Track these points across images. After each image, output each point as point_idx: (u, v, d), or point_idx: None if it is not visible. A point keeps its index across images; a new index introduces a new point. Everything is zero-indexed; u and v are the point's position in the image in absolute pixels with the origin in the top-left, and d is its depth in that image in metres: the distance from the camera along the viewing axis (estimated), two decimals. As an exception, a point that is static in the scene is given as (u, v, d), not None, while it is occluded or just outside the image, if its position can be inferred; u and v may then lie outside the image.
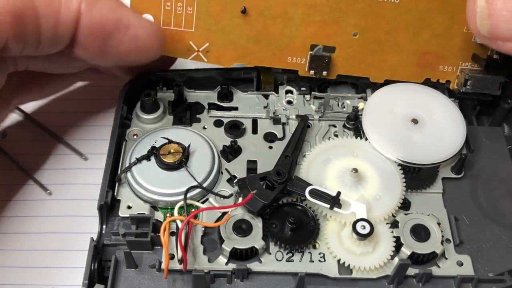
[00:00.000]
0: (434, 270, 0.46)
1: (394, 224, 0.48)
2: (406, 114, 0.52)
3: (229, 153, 0.52)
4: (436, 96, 0.54)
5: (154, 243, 0.46)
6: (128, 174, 0.49)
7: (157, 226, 0.47)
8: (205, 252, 0.46)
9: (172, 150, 0.49)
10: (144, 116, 0.53)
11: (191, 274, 0.44)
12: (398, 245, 0.46)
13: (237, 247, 0.45)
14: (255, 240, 0.46)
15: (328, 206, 0.46)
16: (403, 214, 0.48)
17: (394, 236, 0.47)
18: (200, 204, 0.48)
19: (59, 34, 0.45)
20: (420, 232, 0.47)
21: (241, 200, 0.46)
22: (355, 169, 0.48)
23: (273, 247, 0.46)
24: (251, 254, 0.46)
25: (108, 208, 0.48)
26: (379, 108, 0.53)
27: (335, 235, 0.47)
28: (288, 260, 0.46)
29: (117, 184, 0.49)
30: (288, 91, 0.56)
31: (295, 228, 0.46)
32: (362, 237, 0.45)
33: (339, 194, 0.47)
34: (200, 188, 0.48)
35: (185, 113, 0.54)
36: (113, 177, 0.49)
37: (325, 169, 0.50)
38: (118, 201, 0.48)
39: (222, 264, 0.45)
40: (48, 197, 0.57)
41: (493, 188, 0.51)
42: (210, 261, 0.46)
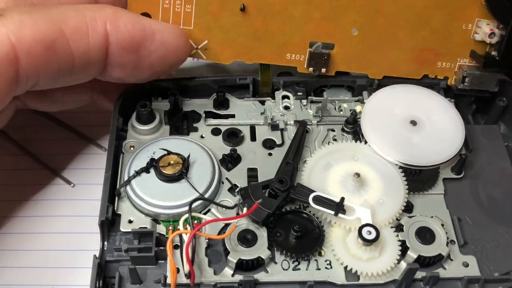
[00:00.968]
0: (441, 272, 0.45)
1: (399, 228, 0.47)
2: (405, 116, 0.52)
3: (229, 162, 0.51)
4: (433, 96, 0.54)
5: (158, 257, 0.46)
6: (128, 188, 0.48)
7: (159, 240, 0.46)
8: (210, 264, 0.45)
9: (172, 162, 0.49)
10: (141, 127, 0.52)
11: (198, 287, 0.43)
12: (404, 248, 0.46)
13: (243, 258, 0.45)
14: (260, 250, 0.45)
15: (332, 213, 0.46)
16: (407, 217, 0.48)
17: (400, 240, 0.46)
18: (204, 216, 0.47)
19: (92, 58, 0.46)
20: (425, 235, 0.47)
21: (246, 211, 0.46)
22: (357, 174, 0.48)
23: (278, 256, 0.46)
24: (257, 264, 0.45)
25: (109, 223, 0.47)
26: (377, 111, 0.53)
27: (340, 242, 0.46)
28: (294, 268, 0.46)
29: (116, 198, 0.48)
30: (285, 96, 0.56)
31: (300, 236, 0.46)
32: (369, 242, 0.45)
33: (343, 199, 0.46)
34: (203, 200, 0.47)
35: (181, 122, 0.53)
36: (113, 191, 0.48)
37: (326, 174, 0.49)
38: (119, 215, 0.47)
39: (228, 276, 0.45)
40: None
41: (494, 186, 0.51)
42: (216, 273, 0.45)
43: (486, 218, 0.50)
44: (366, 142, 0.51)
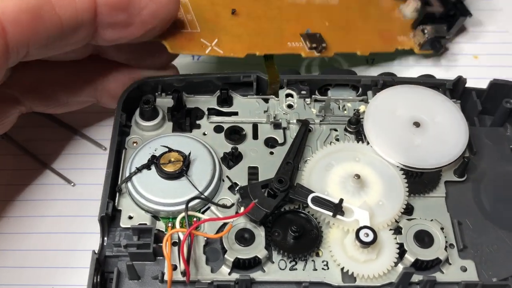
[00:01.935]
0: (438, 276, 0.45)
1: (397, 230, 0.47)
2: (408, 117, 0.52)
3: (230, 160, 0.51)
4: (437, 97, 0.54)
5: (157, 253, 0.46)
6: (129, 184, 0.49)
7: (159, 237, 0.47)
8: (207, 262, 0.46)
9: (173, 159, 0.49)
10: (144, 123, 0.53)
11: (194, 285, 0.44)
12: (402, 251, 0.46)
13: (240, 257, 0.45)
14: (258, 249, 0.45)
15: (331, 214, 0.46)
16: (406, 220, 0.48)
17: (398, 243, 0.46)
18: (202, 214, 0.47)
19: (80, 20, 0.45)
20: (424, 238, 0.46)
21: (243, 210, 0.46)
22: (358, 175, 0.48)
23: (276, 256, 0.46)
24: (254, 263, 0.46)
25: (109, 219, 0.47)
26: (381, 112, 0.52)
27: (338, 243, 0.46)
28: (291, 268, 0.46)
29: (117, 194, 0.49)
30: (289, 95, 0.56)
31: (297, 236, 0.46)
32: (366, 245, 0.45)
33: (341, 201, 0.46)
34: (201, 199, 0.47)
35: (184, 119, 0.54)
36: (114, 187, 0.48)
37: (327, 175, 0.49)
38: (119, 211, 0.48)
39: (225, 274, 0.45)
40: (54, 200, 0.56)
41: (497, 190, 0.51)
42: (213, 271, 0.45)
43: (488, 223, 0.49)
44: (368, 143, 0.51)
